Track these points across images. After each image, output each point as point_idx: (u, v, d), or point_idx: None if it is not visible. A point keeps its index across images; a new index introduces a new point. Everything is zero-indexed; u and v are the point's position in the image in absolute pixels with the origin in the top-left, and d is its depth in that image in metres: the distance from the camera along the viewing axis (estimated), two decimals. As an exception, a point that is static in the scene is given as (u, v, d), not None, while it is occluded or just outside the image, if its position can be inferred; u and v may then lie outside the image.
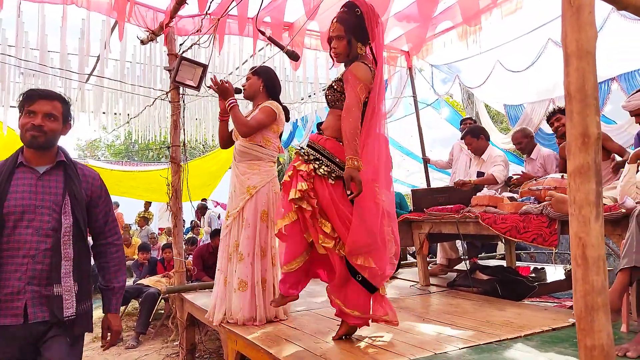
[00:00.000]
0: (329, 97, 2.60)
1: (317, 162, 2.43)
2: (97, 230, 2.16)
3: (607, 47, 4.89)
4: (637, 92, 3.48)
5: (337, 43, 2.48)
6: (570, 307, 3.40)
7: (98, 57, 5.71)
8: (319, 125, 3.19)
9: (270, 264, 3.11)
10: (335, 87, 2.54)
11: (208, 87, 3.09)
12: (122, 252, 2.22)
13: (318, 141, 2.52)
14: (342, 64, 2.63)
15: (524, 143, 4.77)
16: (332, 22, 2.52)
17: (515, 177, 4.47)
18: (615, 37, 4.80)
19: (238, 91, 3.36)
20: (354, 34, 2.45)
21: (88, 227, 2.10)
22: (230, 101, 3.10)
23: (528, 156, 4.77)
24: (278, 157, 3.40)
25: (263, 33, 3.16)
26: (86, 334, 2.08)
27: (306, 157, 2.46)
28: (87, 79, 6.32)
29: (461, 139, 4.89)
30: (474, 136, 4.71)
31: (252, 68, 3.42)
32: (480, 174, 4.48)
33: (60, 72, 5.80)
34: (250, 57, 6.08)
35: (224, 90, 3.15)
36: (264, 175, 3.15)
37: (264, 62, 5.81)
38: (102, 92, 6.81)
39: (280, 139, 3.34)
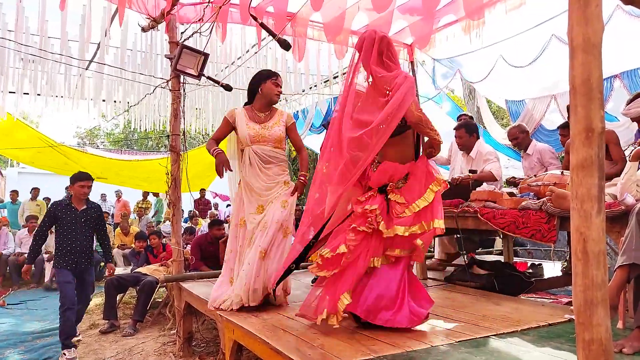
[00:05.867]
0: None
1: None
2: None
3: (610, 44, 4.87)
4: (635, 97, 3.47)
5: None
6: (567, 304, 3.41)
7: (99, 44, 5.67)
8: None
9: None
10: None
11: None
12: None
13: None
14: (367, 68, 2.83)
15: (520, 139, 4.83)
16: None
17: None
18: (619, 35, 4.77)
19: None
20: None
21: None
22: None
23: (524, 152, 4.82)
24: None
25: (255, 18, 3.15)
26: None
27: None
28: (88, 66, 6.28)
29: (454, 129, 4.87)
30: (468, 132, 4.66)
31: (274, 75, 3.50)
32: (472, 172, 4.46)
33: (61, 58, 5.77)
34: (253, 47, 6.04)
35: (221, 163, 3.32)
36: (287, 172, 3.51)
37: (261, 50, 5.79)
38: (102, 80, 6.78)
39: None
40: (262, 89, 3.40)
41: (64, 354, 4.25)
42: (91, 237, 4.63)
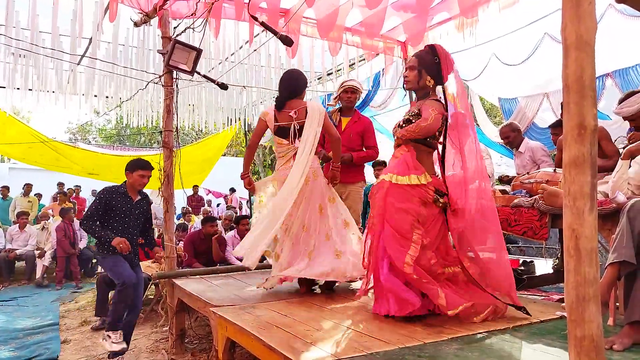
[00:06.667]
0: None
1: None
2: None
3: (602, 43, 4.90)
4: (626, 97, 3.48)
5: (409, 72, 2.88)
6: (558, 301, 3.43)
7: (90, 39, 5.62)
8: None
9: None
10: (412, 120, 2.83)
11: None
12: None
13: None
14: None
15: (512, 137, 4.85)
16: (410, 57, 2.94)
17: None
18: (611, 33, 4.80)
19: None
20: (426, 68, 2.82)
21: None
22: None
23: (517, 150, 4.84)
24: (271, 146, 3.62)
25: (256, 18, 3.14)
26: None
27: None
28: (79, 61, 6.22)
29: None
30: None
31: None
32: None
33: (52, 53, 5.71)
34: (246, 43, 6.01)
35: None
36: None
37: (259, 48, 5.76)
38: (94, 75, 6.72)
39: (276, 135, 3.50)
40: (304, 92, 3.53)
41: (109, 337, 3.62)
42: (140, 232, 4.05)
